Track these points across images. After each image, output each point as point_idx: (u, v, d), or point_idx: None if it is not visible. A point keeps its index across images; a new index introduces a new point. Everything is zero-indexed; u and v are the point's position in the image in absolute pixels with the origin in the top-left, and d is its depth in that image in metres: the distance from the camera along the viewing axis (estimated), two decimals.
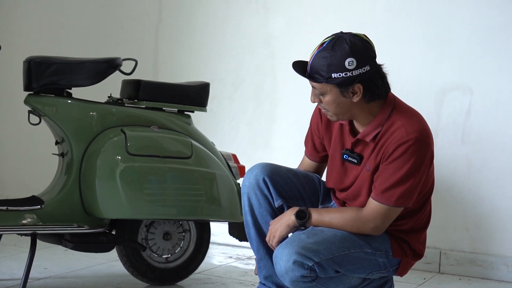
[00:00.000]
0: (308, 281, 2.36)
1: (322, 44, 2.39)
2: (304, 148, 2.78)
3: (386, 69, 2.45)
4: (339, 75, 2.34)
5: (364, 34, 2.42)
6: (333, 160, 2.60)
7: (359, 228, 2.44)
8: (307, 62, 2.42)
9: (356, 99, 2.39)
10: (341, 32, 2.41)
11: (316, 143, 2.69)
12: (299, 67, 2.43)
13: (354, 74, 2.34)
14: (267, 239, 2.54)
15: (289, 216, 2.48)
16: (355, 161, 2.50)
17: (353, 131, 2.53)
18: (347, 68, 2.33)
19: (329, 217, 2.46)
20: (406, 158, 2.36)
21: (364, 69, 2.35)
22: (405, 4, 3.91)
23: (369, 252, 2.45)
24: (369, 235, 2.45)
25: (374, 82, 2.39)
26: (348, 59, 2.33)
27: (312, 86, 2.43)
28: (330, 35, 2.42)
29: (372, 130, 2.45)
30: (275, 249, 2.47)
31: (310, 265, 2.33)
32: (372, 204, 2.42)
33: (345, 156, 2.52)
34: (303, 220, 2.46)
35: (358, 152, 2.50)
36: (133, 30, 4.63)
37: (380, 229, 2.44)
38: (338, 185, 2.60)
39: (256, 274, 2.69)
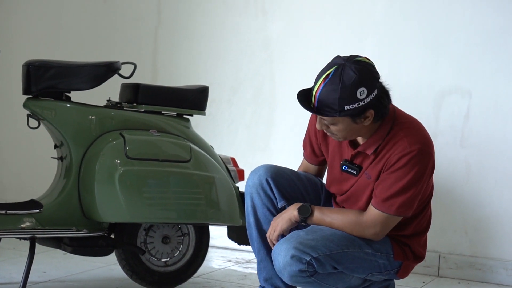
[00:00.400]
0: (306, 276, 2.37)
1: (327, 76, 2.33)
2: (302, 151, 2.78)
3: (386, 83, 2.44)
4: (352, 106, 2.31)
5: (365, 57, 2.39)
6: (332, 169, 2.61)
7: (359, 233, 2.45)
8: (310, 90, 2.38)
9: (367, 122, 2.39)
10: (340, 58, 2.36)
11: (315, 148, 2.69)
12: (304, 98, 2.37)
13: (366, 103, 2.33)
14: (267, 234, 2.54)
15: (291, 211, 2.50)
16: (355, 172, 2.51)
17: (353, 143, 2.53)
18: (359, 98, 2.31)
19: (330, 217, 2.47)
20: (408, 168, 2.37)
21: (373, 94, 2.34)
22: (404, 7, 3.91)
23: (369, 253, 2.46)
24: None
25: (382, 102, 2.38)
26: (359, 89, 2.30)
27: (320, 117, 2.41)
28: (330, 63, 2.37)
29: (373, 143, 2.45)
30: (274, 245, 2.48)
31: (308, 259, 2.35)
32: (372, 212, 2.43)
33: (344, 167, 2.53)
34: (305, 216, 2.47)
35: (358, 164, 2.51)
36: (132, 34, 4.63)
37: (380, 236, 2.46)
38: (338, 191, 2.61)
39: None
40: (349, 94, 2.29)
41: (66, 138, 3.01)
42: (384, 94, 2.39)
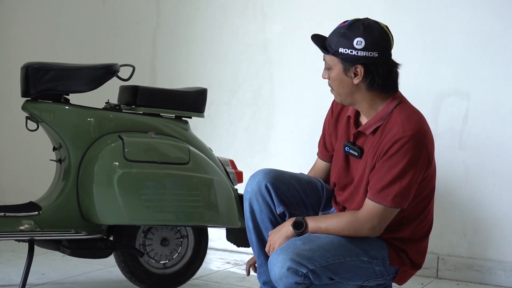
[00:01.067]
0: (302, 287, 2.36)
1: (344, 21, 2.49)
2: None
3: (400, 69, 2.50)
4: (345, 50, 2.42)
5: (386, 25, 2.48)
6: (337, 154, 2.61)
7: (356, 231, 2.43)
8: (326, 37, 2.52)
9: (356, 81, 2.43)
10: (367, 18, 2.49)
11: (327, 141, 2.70)
12: (318, 39, 2.52)
13: (359, 54, 2.40)
14: (266, 249, 2.54)
15: (287, 227, 2.49)
16: (356, 154, 2.51)
17: (357, 123, 2.55)
18: (354, 46, 2.41)
19: (325, 224, 2.46)
20: (401, 155, 2.36)
21: (371, 54, 2.41)
22: (403, 10, 3.91)
23: (366, 261, 2.44)
24: (365, 242, 2.45)
25: (378, 69, 2.43)
26: (358, 39, 2.41)
27: (324, 59, 2.50)
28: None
29: (373, 123, 2.46)
30: None
31: (304, 272, 2.33)
32: (369, 205, 2.41)
33: (347, 149, 2.54)
34: (300, 230, 2.46)
35: (359, 145, 2.51)
36: (130, 36, 4.63)
37: (377, 230, 2.43)
38: (339, 179, 2.59)
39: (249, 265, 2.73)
40: (348, 39, 2.42)
41: (65, 140, 3.01)
42: (386, 67, 2.46)
